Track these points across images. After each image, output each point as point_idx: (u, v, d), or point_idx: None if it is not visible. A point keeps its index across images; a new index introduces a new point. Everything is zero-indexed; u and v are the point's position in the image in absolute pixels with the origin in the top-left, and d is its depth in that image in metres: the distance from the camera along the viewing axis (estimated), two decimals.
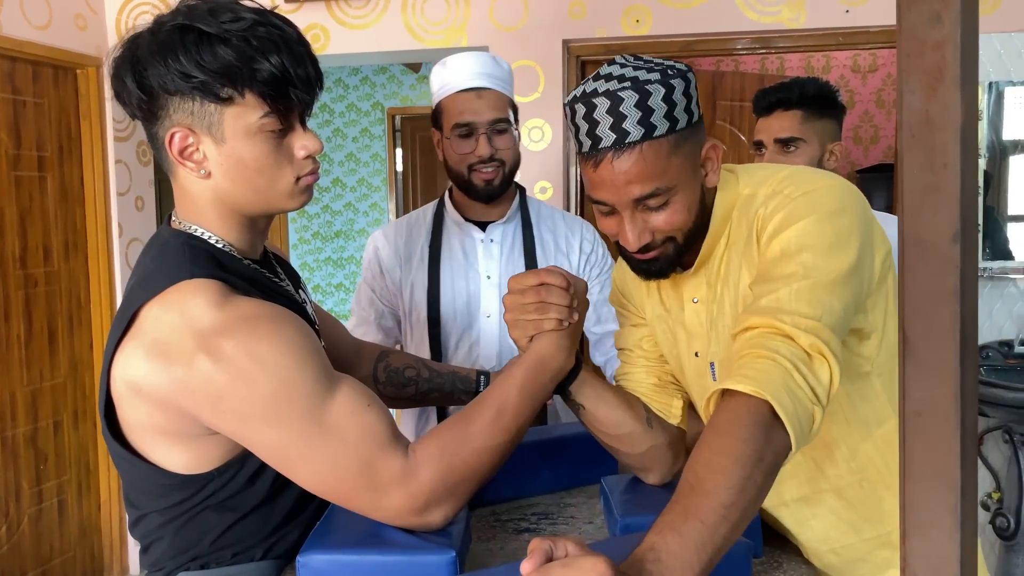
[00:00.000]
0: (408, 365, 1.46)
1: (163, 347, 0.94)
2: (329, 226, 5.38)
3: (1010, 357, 2.82)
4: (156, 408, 0.97)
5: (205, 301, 0.94)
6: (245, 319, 0.94)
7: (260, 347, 0.93)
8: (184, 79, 0.96)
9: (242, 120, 0.98)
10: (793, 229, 0.98)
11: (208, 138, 0.99)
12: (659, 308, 1.20)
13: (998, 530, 2.67)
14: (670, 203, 1.01)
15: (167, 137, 0.99)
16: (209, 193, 1.03)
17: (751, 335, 0.92)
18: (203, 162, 1.00)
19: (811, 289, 0.92)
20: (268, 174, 1.02)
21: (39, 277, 3.25)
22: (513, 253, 1.79)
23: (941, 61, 0.50)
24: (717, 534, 0.77)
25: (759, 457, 0.81)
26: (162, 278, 0.97)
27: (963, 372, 0.52)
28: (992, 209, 3.13)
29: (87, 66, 3.39)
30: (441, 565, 0.95)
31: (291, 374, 0.94)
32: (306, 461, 0.96)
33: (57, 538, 3.36)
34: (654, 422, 1.20)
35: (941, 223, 0.52)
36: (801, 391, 0.86)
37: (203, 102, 0.97)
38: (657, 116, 0.97)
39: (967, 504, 0.53)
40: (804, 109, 1.93)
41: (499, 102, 1.69)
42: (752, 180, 1.08)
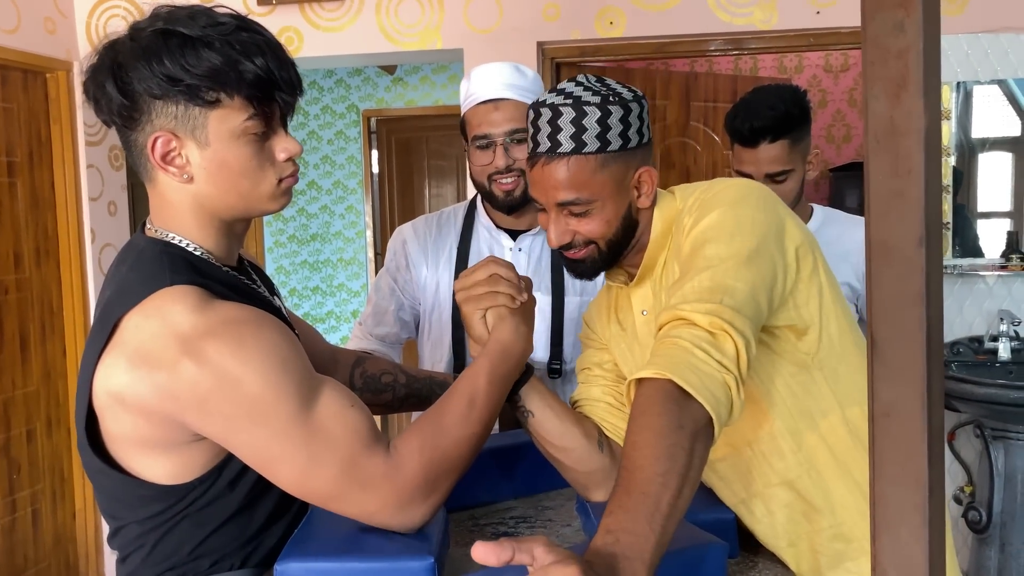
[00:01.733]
0: (384, 371, 1.45)
1: (146, 355, 0.94)
2: (305, 229, 5.35)
3: (980, 353, 2.87)
4: (140, 417, 0.96)
5: (186, 307, 0.94)
6: (227, 322, 0.95)
7: (244, 350, 0.94)
8: (170, 83, 0.96)
9: (226, 123, 0.99)
10: (699, 226, 1.05)
11: (192, 142, 0.99)
12: (616, 328, 1.25)
13: (971, 524, 2.71)
14: (590, 213, 1.11)
15: (149, 142, 0.99)
16: (189, 199, 1.03)
17: (661, 332, 0.97)
18: (186, 167, 1.00)
19: (711, 277, 0.98)
20: (251, 177, 1.02)
21: (10, 284, 3.20)
22: (540, 265, 1.79)
23: (904, 69, 0.51)
24: (662, 502, 0.80)
25: (678, 424, 0.85)
26: (141, 287, 0.97)
27: (930, 373, 0.53)
28: (962, 207, 3.18)
29: (57, 70, 3.35)
30: (420, 570, 0.95)
31: (276, 375, 0.94)
32: (291, 462, 0.96)
33: (32, 548, 3.31)
34: (605, 445, 1.21)
35: (906, 228, 0.53)
36: (705, 364, 0.90)
37: (188, 106, 0.97)
38: (589, 135, 1.09)
39: (935, 502, 0.54)
40: (790, 137, 1.82)
41: (518, 112, 1.68)
42: (684, 195, 1.17)
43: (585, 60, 3.30)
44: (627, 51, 3.20)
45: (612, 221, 1.12)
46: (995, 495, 2.64)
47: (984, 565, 2.67)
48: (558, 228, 1.13)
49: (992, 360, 2.82)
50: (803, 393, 1.09)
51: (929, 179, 0.52)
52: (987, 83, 3.06)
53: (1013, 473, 2.62)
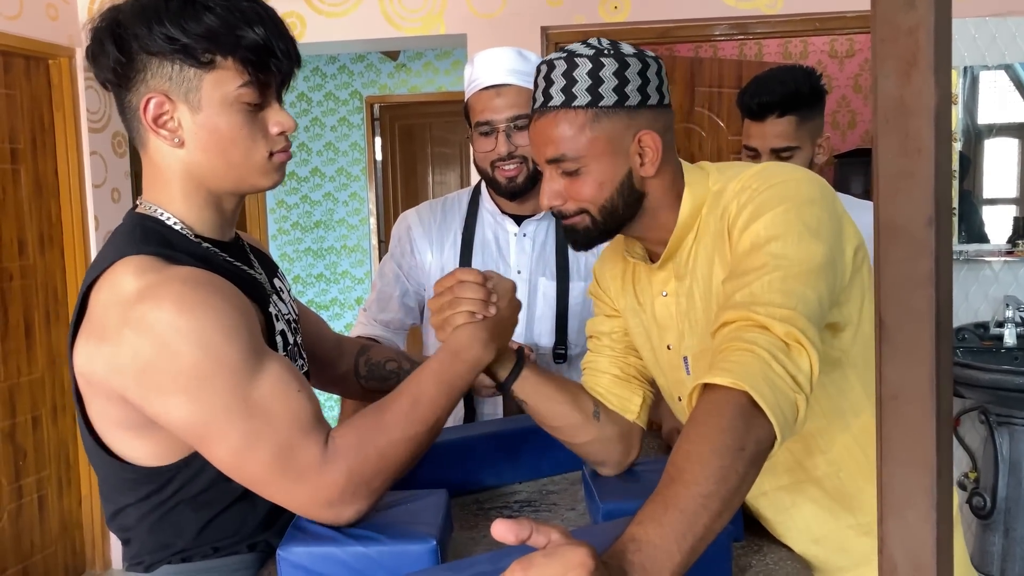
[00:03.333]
0: (389, 359, 1.45)
1: (99, 329, 0.93)
2: (308, 216, 5.34)
3: (985, 339, 2.86)
4: (104, 398, 0.96)
5: (135, 273, 0.92)
6: (169, 285, 0.91)
7: (185, 316, 0.90)
8: (167, 41, 0.96)
9: (220, 88, 0.98)
10: (761, 221, 0.98)
11: (184, 105, 0.99)
12: (632, 301, 1.21)
13: (975, 509, 2.71)
14: (581, 174, 1.05)
15: (142, 103, 0.98)
16: (179, 166, 1.01)
17: (728, 330, 0.92)
18: (177, 130, 0.99)
19: (783, 279, 0.92)
20: (242, 146, 1.01)
21: (14, 271, 3.21)
22: (545, 250, 1.79)
23: (915, 46, 0.50)
24: (697, 523, 0.77)
25: (739, 446, 0.81)
26: (107, 258, 0.96)
27: (938, 355, 0.52)
28: (968, 192, 3.16)
29: (59, 56, 3.34)
30: (422, 554, 0.95)
31: (217, 347, 0.91)
32: (224, 438, 0.93)
33: (38, 534, 3.33)
34: (602, 415, 1.21)
35: (915, 208, 0.52)
36: (781, 380, 0.85)
37: (183, 67, 0.97)
38: (579, 87, 1.03)
39: (942, 485, 0.53)
40: (798, 113, 1.83)
41: (520, 98, 1.66)
42: (722, 176, 1.10)
43: None
44: (631, 36, 3.18)
45: (605, 185, 1.05)
46: (999, 481, 2.64)
47: (988, 551, 2.68)
48: (549, 188, 1.08)
49: (998, 346, 2.81)
50: (836, 392, 1.07)
51: (939, 159, 0.51)
52: (994, 68, 3.03)
53: (1018, 459, 2.62)
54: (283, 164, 1.06)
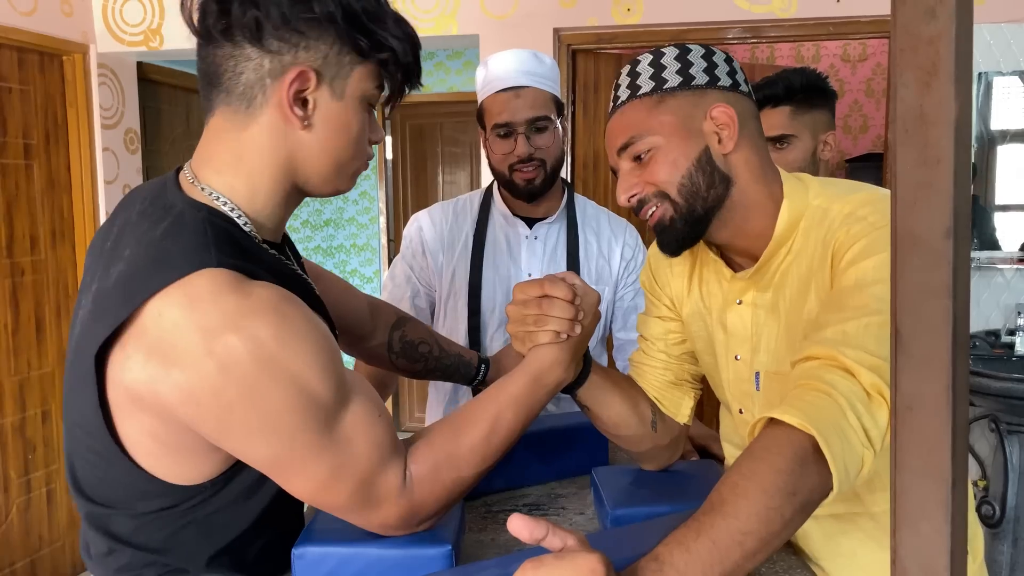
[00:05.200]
0: (423, 340, 1.44)
1: (167, 349, 0.81)
2: (319, 215, 5.35)
3: (997, 347, 2.84)
4: (156, 419, 0.85)
5: (216, 291, 0.81)
6: (261, 315, 0.82)
7: (278, 353, 0.82)
8: (346, 15, 0.90)
9: (363, 84, 0.94)
10: (872, 260, 0.93)
11: (327, 89, 0.92)
12: (699, 305, 1.17)
13: (984, 518, 2.69)
14: (653, 156, 1.02)
15: (290, 74, 0.89)
16: (286, 151, 0.92)
17: (810, 365, 0.88)
18: (310, 113, 0.92)
19: (880, 325, 0.87)
20: (356, 148, 0.97)
21: (26, 266, 3.22)
22: (556, 253, 1.79)
23: (935, 56, 0.50)
24: (728, 559, 0.74)
25: (791, 491, 0.78)
26: (177, 264, 0.82)
27: (955, 367, 0.52)
28: (977, 198, 3.15)
29: (73, 52, 3.35)
30: (437, 558, 0.95)
31: (311, 386, 0.84)
32: (306, 473, 0.88)
33: (46, 527, 3.35)
34: (659, 424, 1.19)
35: (934, 218, 0.52)
36: (853, 432, 0.81)
37: (342, 49, 0.91)
38: (643, 79, 1.04)
39: (958, 496, 0.53)
40: (792, 104, 1.89)
41: (538, 100, 1.67)
42: (825, 192, 1.05)
43: (601, 47, 3.28)
44: (644, 38, 3.17)
45: (679, 162, 1.01)
46: (1009, 489, 2.62)
47: (997, 559, 2.66)
48: (623, 180, 1.04)
49: (1009, 354, 2.79)
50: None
51: (958, 170, 0.51)
52: (1008, 74, 3.02)
53: None
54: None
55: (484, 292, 1.77)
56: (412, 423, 5.39)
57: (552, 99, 1.71)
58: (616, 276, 1.82)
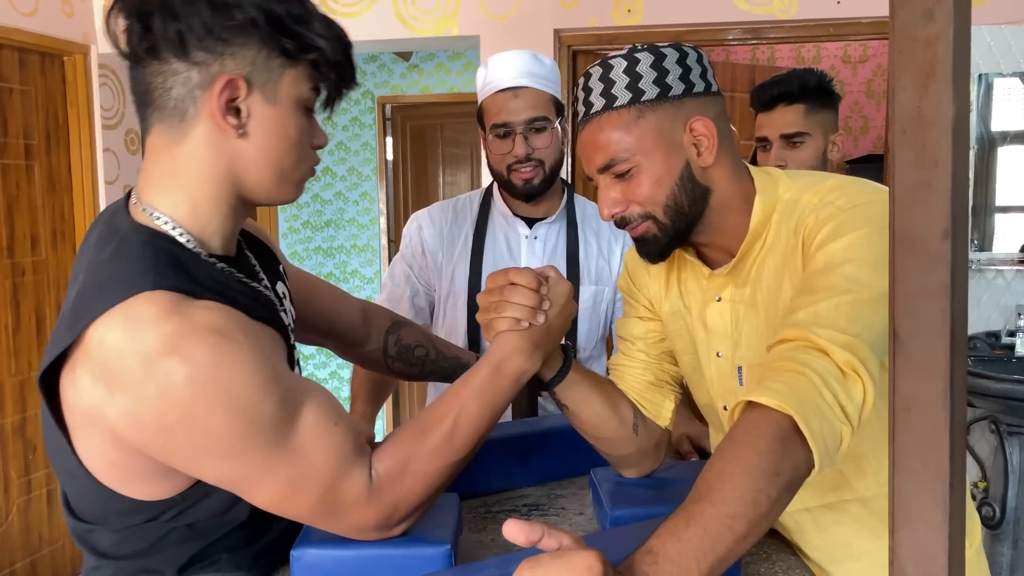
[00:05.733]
0: (419, 343, 1.44)
1: (111, 373, 0.81)
2: (319, 215, 5.35)
3: (997, 348, 2.85)
4: (108, 442, 0.86)
5: (154, 315, 0.81)
6: (198, 337, 0.81)
7: (216, 375, 0.81)
8: (269, 19, 0.87)
9: (297, 87, 0.91)
10: (840, 241, 0.94)
11: (260, 95, 0.89)
12: (678, 304, 1.17)
13: (984, 519, 2.69)
14: (635, 173, 1.00)
15: (219, 83, 0.87)
16: (223, 162, 0.90)
17: (784, 348, 0.89)
18: (246, 120, 0.89)
19: (852, 304, 0.88)
20: (297, 153, 0.94)
21: (26, 266, 3.22)
22: (556, 253, 1.79)
23: (933, 58, 0.50)
24: (720, 544, 0.75)
25: (775, 471, 0.79)
26: (116, 288, 0.83)
27: (953, 368, 0.52)
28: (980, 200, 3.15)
29: (74, 53, 3.35)
30: (436, 558, 0.95)
31: (252, 405, 0.84)
32: (266, 488, 0.88)
33: (46, 528, 3.35)
34: (640, 427, 1.19)
35: (932, 220, 0.52)
36: (829, 409, 0.82)
37: (270, 54, 0.89)
38: (618, 87, 1.00)
39: (955, 498, 0.53)
40: (807, 102, 1.90)
41: (537, 100, 1.67)
42: (794, 184, 1.06)
43: (602, 48, 3.28)
44: (644, 39, 3.17)
45: (663, 181, 1.00)
46: (1009, 491, 2.62)
47: (997, 561, 2.66)
48: (606, 196, 1.02)
49: (1009, 355, 2.79)
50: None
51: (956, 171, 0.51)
52: (1009, 75, 3.02)
53: None
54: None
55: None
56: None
57: (551, 100, 1.71)
58: (616, 276, 1.82)
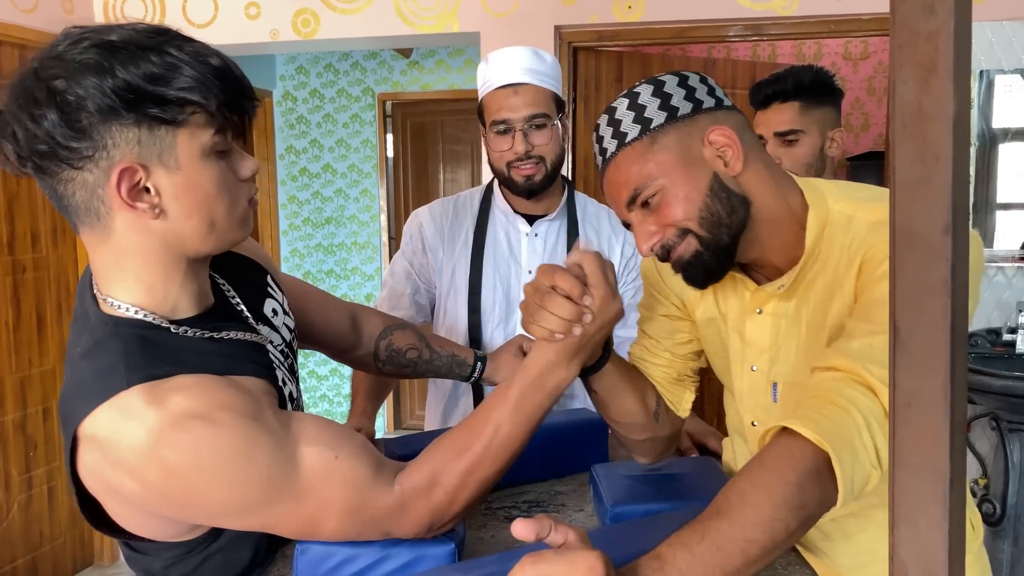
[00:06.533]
0: (411, 346, 1.45)
1: (113, 461, 0.85)
2: (319, 212, 5.35)
3: (998, 345, 2.84)
4: (133, 511, 0.91)
5: (138, 412, 0.83)
6: (180, 424, 0.83)
7: (202, 453, 0.83)
8: (130, 99, 0.80)
9: (196, 140, 0.85)
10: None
11: (160, 168, 0.84)
12: (712, 311, 1.14)
13: (984, 516, 2.69)
14: (663, 198, 0.97)
15: (113, 178, 0.82)
16: (156, 241, 0.88)
17: (832, 376, 0.87)
18: (156, 200, 0.85)
19: None
20: (226, 199, 0.90)
21: (27, 263, 3.22)
22: (556, 251, 1.79)
23: (934, 52, 0.50)
24: (729, 564, 0.75)
25: (800, 504, 0.78)
26: (95, 388, 0.85)
27: (953, 364, 0.52)
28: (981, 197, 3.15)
29: None
30: (441, 555, 0.96)
31: (244, 470, 0.85)
32: (288, 527, 0.92)
33: (47, 525, 3.35)
34: (661, 415, 1.19)
35: (932, 215, 0.52)
36: (865, 452, 0.81)
37: (152, 126, 0.82)
38: (626, 124, 0.99)
39: (955, 494, 0.53)
40: (801, 99, 1.91)
41: (537, 97, 1.66)
42: (843, 196, 1.02)
43: (602, 45, 3.28)
44: (645, 36, 3.17)
45: (692, 196, 0.96)
46: (1010, 488, 2.62)
47: (997, 558, 2.66)
48: (642, 231, 0.99)
49: (1010, 352, 2.79)
50: None
51: (957, 166, 0.51)
52: (1010, 72, 3.02)
53: None
54: (254, 210, 0.97)
55: (484, 289, 1.77)
56: (413, 420, 5.39)
57: (552, 97, 1.70)
58: (617, 274, 1.82)
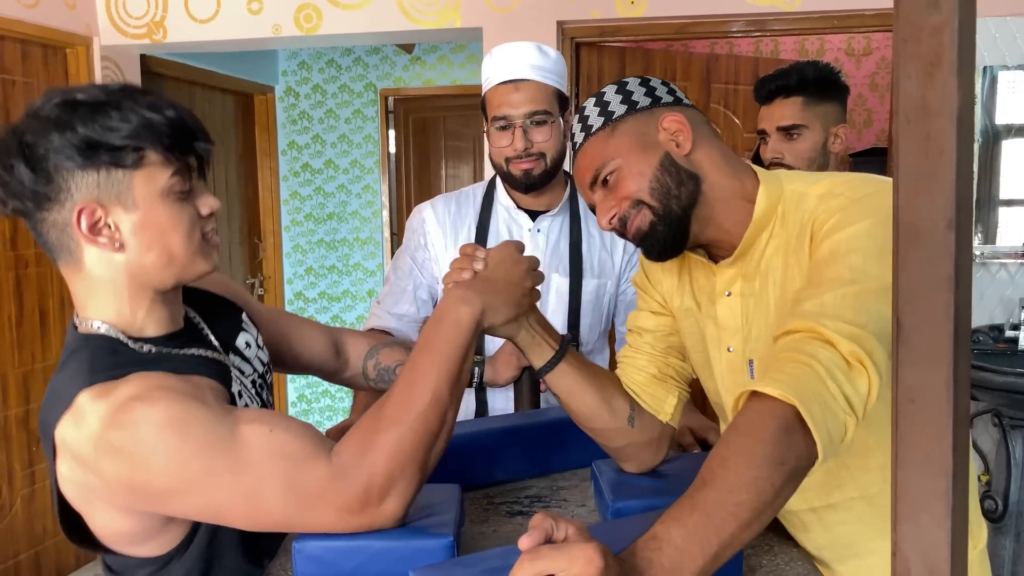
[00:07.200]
0: (399, 363, 1.43)
1: (80, 460, 0.93)
2: (322, 208, 5.35)
3: (1000, 341, 2.84)
4: (108, 513, 0.97)
5: (92, 406, 0.92)
6: (124, 406, 0.91)
7: (142, 429, 0.90)
8: (88, 149, 0.92)
9: (152, 183, 0.96)
10: (846, 231, 0.95)
11: (118, 207, 0.95)
12: (689, 301, 1.18)
13: (986, 512, 2.69)
14: (619, 175, 1.07)
15: (73, 217, 0.94)
16: (120, 271, 0.99)
17: (791, 339, 0.90)
18: (115, 235, 0.96)
19: (857, 295, 0.89)
20: (181, 233, 0.99)
21: (29, 258, 3.23)
22: (559, 246, 1.78)
23: (938, 47, 0.50)
24: (724, 530, 0.76)
25: (779, 460, 0.79)
26: (65, 392, 0.95)
27: (956, 359, 0.52)
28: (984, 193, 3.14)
29: (76, 45, 3.35)
30: (439, 548, 0.95)
31: (178, 439, 0.91)
32: (233, 507, 0.93)
33: (50, 519, 3.36)
34: (636, 420, 1.18)
35: (936, 210, 0.52)
36: (834, 400, 0.83)
37: (110, 170, 0.94)
38: (593, 118, 1.10)
39: (958, 490, 0.53)
40: (805, 95, 1.92)
41: (538, 94, 1.66)
42: (799, 178, 1.08)
43: (605, 40, 3.27)
44: (648, 31, 3.17)
45: (644, 171, 1.06)
46: (1012, 484, 2.62)
47: (999, 554, 2.66)
48: (602, 207, 1.09)
49: (1012, 348, 2.79)
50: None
51: (961, 161, 0.51)
52: (1014, 68, 3.01)
53: None
54: (218, 245, 1.05)
55: None
56: None
57: (554, 93, 1.69)
58: (619, 269, 1.82)
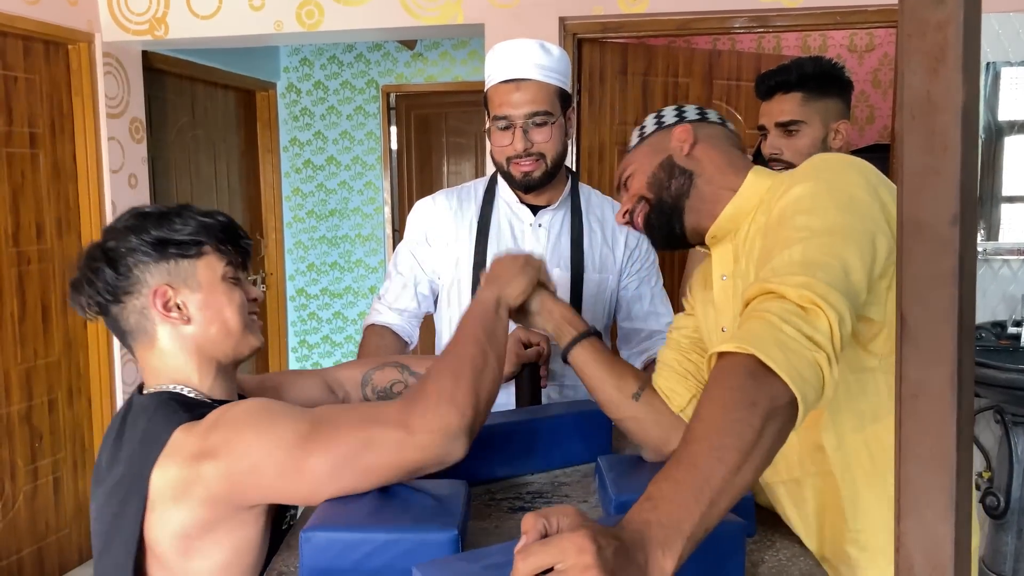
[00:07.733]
0: (394, 380, 1.45)
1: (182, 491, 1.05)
2: (324, 204, 5.35)
3: (1003, 338, 2.84)
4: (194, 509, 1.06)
5: (182, 436, 1.07)
6: (212, 425, 1.08)
7: (238, 416, 1.07)
8: (160, 245, 1.16)
9: (211, 270, 1.19)
10: (791, 194, 1.02)
11: (185, 289, 1.18)
12: (707, 295, 1.27)
13: (988, 509, 2.69)
14: (631, 178, 1.28)
15: (150, 298, 1.16)
16: (190, 343, 1.18)
17: (749, 308, 0.92)
18: (184, 311, 1.17)
19: (803, 251, 0.92)
20: (234, 309, 1.20)
21: (32, 255, 3.23)
22: (561, 241, 1.78)
23: (943, 42, 0.50)
24: (713, 476, 0.75)
25: (750, 401, 0.79)
26: (158, 438, 1.08)
27: (960, 355, 0.52)
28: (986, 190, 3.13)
29: (79, 41, 3.35)
30: (444, 542, 0.96)
31: (267, 419, 1.06)
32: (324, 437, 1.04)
33: (52, 516, 3.37)
34: (643, 397, 1.24)
35: (940, 205, 0.52)
36: (793, 340, 0.84)
37: (178, 261, 1.17)
38: (633, 138, 1.30)
39: (962, 485, 0.53)
40: (804, 90, 1.92)
41: (540, 94, 1.64)
42: (790, 174, 1.13)
43: (607, 36, 3.27)
44: (650, 27, 3.16)
45: (647, 170, 1.24)
46: (1014, 481, 2.62)
47: (1001, 551, 2.66)
48: (622, 206, 1.27)
49: (1015, 345, 2.79)
50: (859, 392, 1.05)
51: (965, 156, 0.51)
52: (1017, 64, 3.00)
53: None
54: (261, 327, 1.28)
55: None
56: None
57: (556, 92, 1.68)
58: (620, 264, 1.82)
